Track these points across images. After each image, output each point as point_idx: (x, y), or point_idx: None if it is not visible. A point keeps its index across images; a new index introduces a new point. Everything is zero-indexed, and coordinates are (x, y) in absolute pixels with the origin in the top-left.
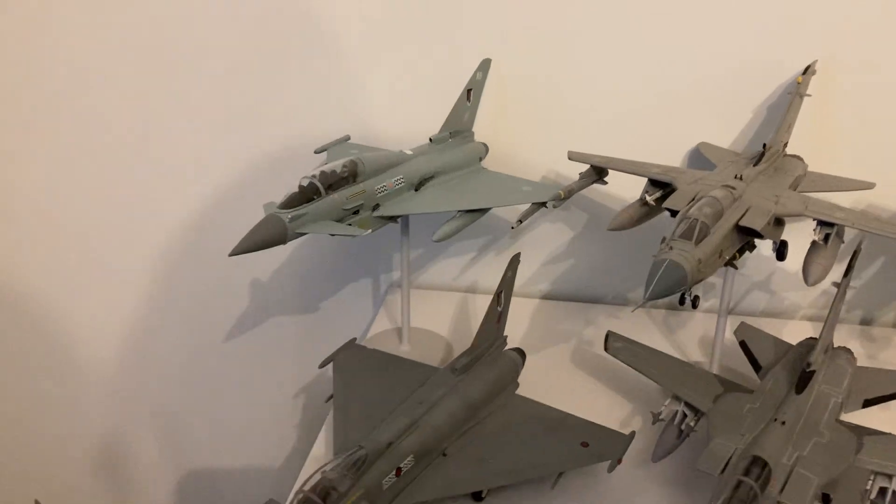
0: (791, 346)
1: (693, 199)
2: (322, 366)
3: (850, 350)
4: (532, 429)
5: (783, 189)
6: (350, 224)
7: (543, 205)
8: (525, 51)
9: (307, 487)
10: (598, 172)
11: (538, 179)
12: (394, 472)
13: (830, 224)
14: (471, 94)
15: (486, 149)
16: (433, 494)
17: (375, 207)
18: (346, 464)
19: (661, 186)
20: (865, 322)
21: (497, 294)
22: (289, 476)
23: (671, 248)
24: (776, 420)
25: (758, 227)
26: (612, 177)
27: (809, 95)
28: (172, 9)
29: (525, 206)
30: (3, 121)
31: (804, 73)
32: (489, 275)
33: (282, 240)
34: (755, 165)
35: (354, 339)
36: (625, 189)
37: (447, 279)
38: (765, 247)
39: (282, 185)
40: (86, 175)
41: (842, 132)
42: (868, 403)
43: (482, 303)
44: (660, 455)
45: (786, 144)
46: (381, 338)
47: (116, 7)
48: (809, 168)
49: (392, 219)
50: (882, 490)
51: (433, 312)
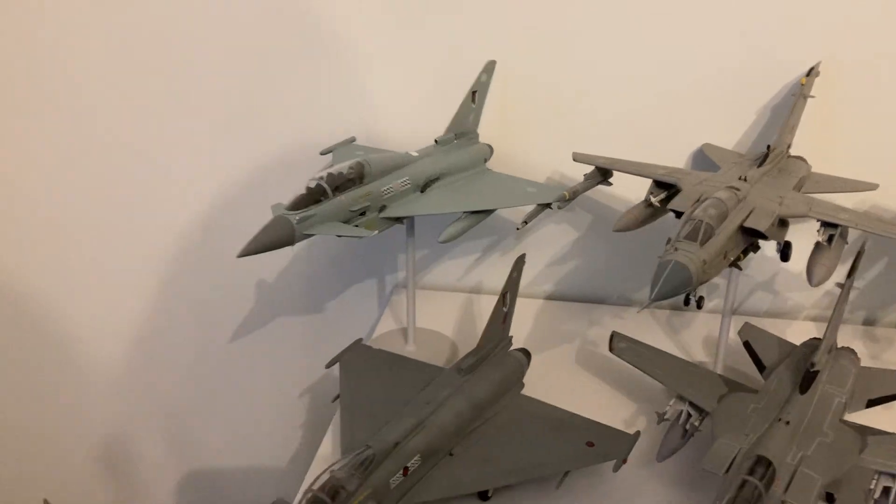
0: (795, 347)
1: (698, 201)
2: (329, 366)
3: (854, 350)
4: (537, 429)
5: (787, 190)
6: (357, 225)
7: (548, 206)
8: (529, 52)
9: (316, 486)
10: (603, 174)
11: (542, 181)
12: (401, 472)
13: (834, 225)
14: (476, 96)
15: (491, 150)
16: (440, 494)
17: (382, 209)
18: (354, 463)
19: (666, 188)
20: (868, 322)
21: (503, 295)
22: (294, 476)
23: (676, 250)
24: (780, 420)
25: (762, 229)
26: (617, 178)
27: (813, 97)
28: (176, 10)
29: (530, 208)
30: (12, 123)
31: (808, 75)
32: (494, 275)
33: (290, 241)
34: (759, 167)
35: (360, 340)
36: (629, 190)
37: (452, 280)
38: (768, 247)
39: (288, 186)
40: (93, 177)
41: (845, 134)
42: (871, 403)
43: (487, 303)
44: (664, 455)
45: (789, 146)
46: (387, 338)
47: (120, 8)
48: (813, 169)
49: (398, 220)
50: (886, 489)
51: (438, 313)
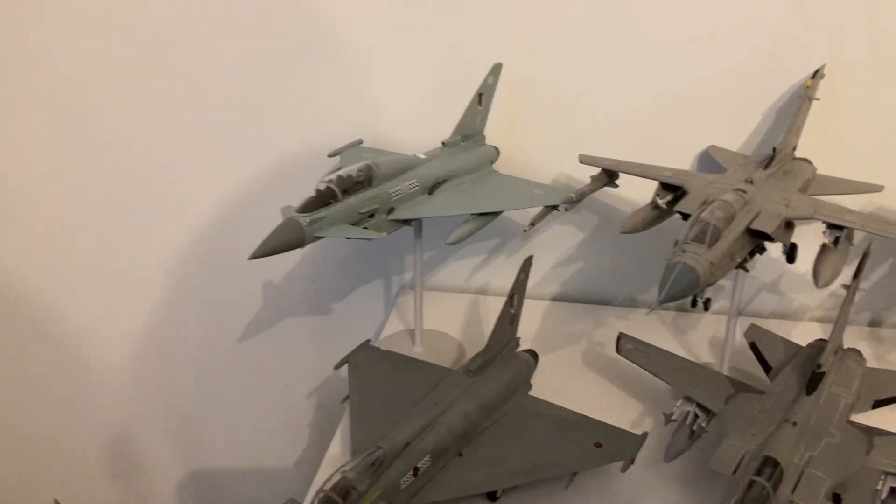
0: (801, 348)
1: (705, 203)
2: (338, 367)
3: (860, 351)
4: (546, 429)
5: (793, 192)
6: (366, 227)
7: (555, 208)
8: (534, 54)
9: (328, 487)
10: (609, 175)
11: (549, 182)
12: (411, 472)
13: (840, 227)
14: (482, 98)
15: (498, 152)
16: (449, 494)
17: (390, 211)
18: (365, 464)
19: (673, 190)
20: (874, 324)
21: (510, 296)
22: (301, 476)
23: (684, 252)
24: (787, 421)
25: (769, 231)
26: (623, 180)
27: (818, 99)
28: (181, 10)
29: (537, 209)
30: (22, 126)
31: (813, 77)
32: (500, 276)
33: (300, 243)
34: (765, 169)
35: (368, 341)
36: (635, 192)
37: (458, 281)
38: (773, 248)
39: (294, 187)
40: (102, 179)
41: (850, 136)
42: (878, 404)
43: (493, 304)
44: (672, 455)
45: (795, 148)
46: (394, 339)
47: (124, 10)
48: (818, 171)
49: (406, 222)
50: (893, 490)
51: (445, 314)
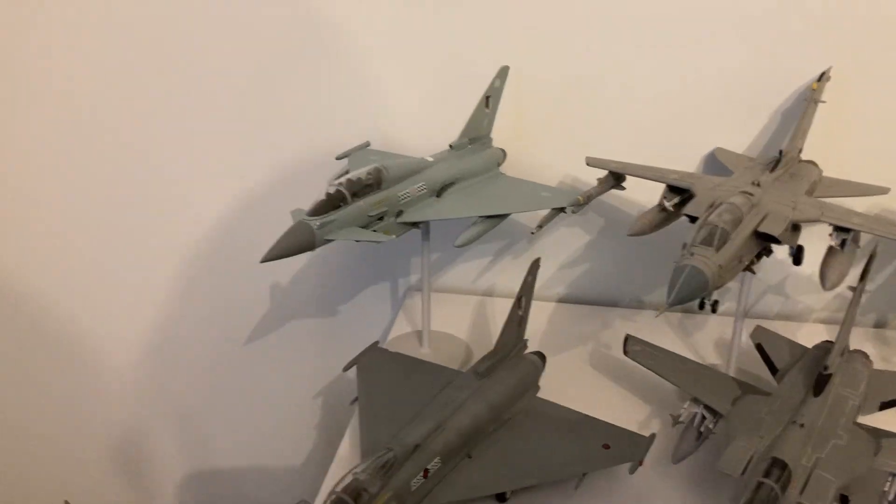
0: (807, 349)
1: (712, 206)
2: (346, 368)
3: (866, 353)
4: (554, 431)
5: (799, 195)
6: (375, 230)
7: (563, 210)
8: (541, 57)
9: (339, 488)
10: (616, 178)
11: (556, 185)
12: (421, 474)
13: (846, 229)
14: (489, 101)
15: (504, 154)
16: (459, 496)
17: (399, 213)
18: (376, 466)
19: (679, 192)
20: (880, 325)
21: (518, 298)
22: (309, 478)
23: (692, 255)
24: (794, 422)
25: (776, 234)
26: (630, 182)
27: (824, 102)
28: (184, 10)
29: (544, 212)
30: (22, 126)
31: (819, 80)
32: (507, 279)
33: (310, 246)
34: (771, 171)
35: (377, 343)
36: (642, 194)
37: (465, 283)
38: (780, 250)
39: (300, 189)
40: (103, 179)
41: (856, 138)
42: (885, 406)
43: (500, 306)
44: (680, 457)
45: (801, 150)
46: (402, 341)
47: (125, 10)
48: (824, 174)
49: (414, 224)
50: None
51: (452, 316)
